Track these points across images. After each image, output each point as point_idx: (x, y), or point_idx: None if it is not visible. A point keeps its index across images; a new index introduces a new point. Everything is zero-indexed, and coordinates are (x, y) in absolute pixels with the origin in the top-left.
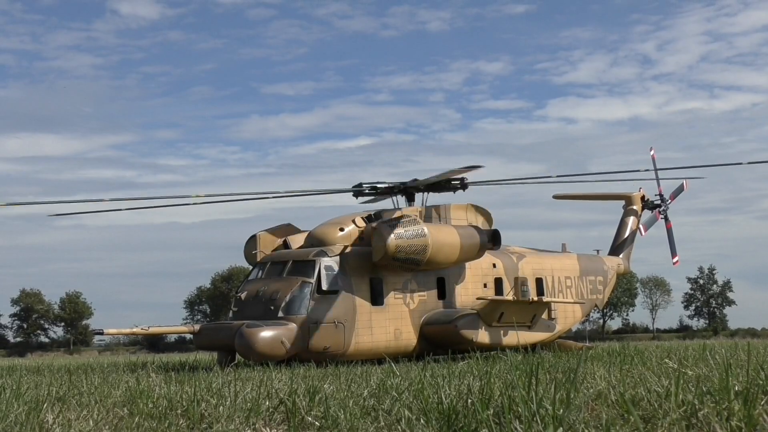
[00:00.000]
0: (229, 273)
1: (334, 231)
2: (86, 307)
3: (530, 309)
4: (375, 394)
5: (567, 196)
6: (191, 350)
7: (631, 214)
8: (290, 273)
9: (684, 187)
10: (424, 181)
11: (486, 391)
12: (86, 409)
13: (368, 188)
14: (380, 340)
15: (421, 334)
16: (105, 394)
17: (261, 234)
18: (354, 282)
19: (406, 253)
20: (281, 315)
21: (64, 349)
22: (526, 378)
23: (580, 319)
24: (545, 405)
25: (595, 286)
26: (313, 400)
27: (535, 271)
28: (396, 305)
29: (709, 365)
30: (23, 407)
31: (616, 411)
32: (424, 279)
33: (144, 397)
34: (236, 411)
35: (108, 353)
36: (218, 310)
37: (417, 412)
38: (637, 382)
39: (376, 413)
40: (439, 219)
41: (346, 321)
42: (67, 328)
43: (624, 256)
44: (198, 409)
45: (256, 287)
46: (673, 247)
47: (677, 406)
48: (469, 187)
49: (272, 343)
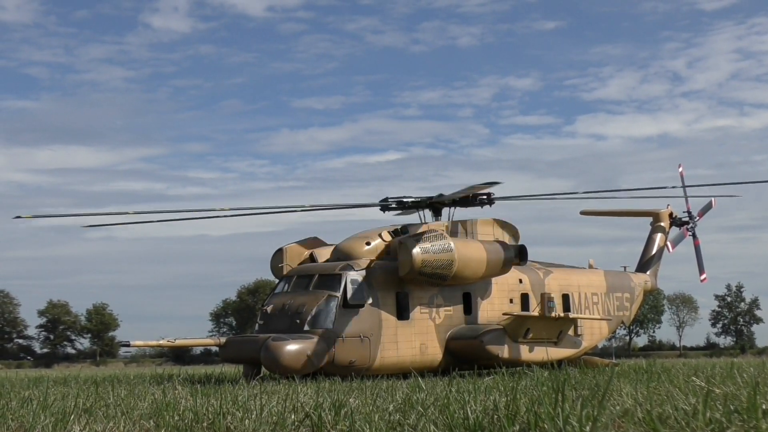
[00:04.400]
0: (256, 286)
1: (361, 245)
2: (112, 318)
3: (556, 325)
4: (400, 408)
5: (594, 212)
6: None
7: (659, 231)
8: (316, 286)
9: (712, 204)
10: (450, 196)
11: (512, 408)
12: (113, 421)
13: (394, 202)
14: (406, 354)
15: (447, 349)
16: (131, 406)
17: (287, 247)
18: (380, 296)
19: (432, 268)
20: (307, 328)
21: (91, 361)
22: (553, 394)
23: (606, 335)
24: (572, 422)
25: (622, 302)
26: (338, 414)
27: (562, 287)
28: (422, 320)
29: (737, 383)
30: (50, 419)
31: (643, 429)
32: (450, 294)
33: (170, 409)
34: (262, 424)
35: (134, 365)
36: (244, 323)
37: (443, 428)
38: (664, 400)
39: (402, 428)
40: (465, 234)
41: (372, 335)
42: (94, 339)
43: (651, 272)
44: (224, 422)
45: (282, 300)
46: (701, 265)
47: (705, 425)
48: (496, 202)
49: (298, 357)
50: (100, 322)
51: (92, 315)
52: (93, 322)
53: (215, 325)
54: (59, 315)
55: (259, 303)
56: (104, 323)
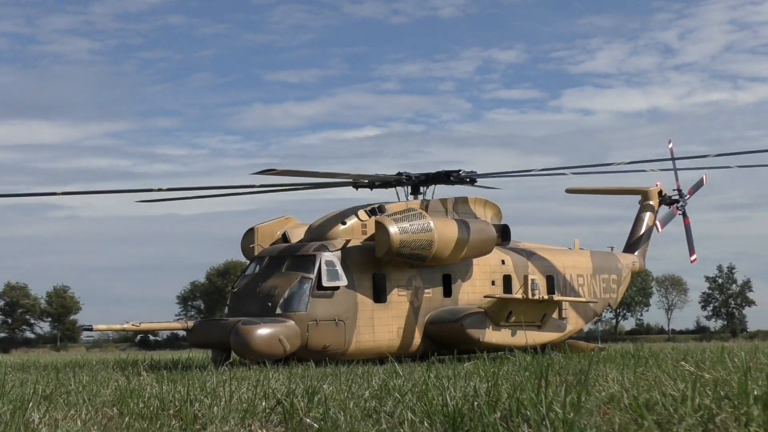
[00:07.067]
0: (226, 267)
1: (336, 224)
2: (74, 301)
3: (540, 308)
4: (377, 395)
5: (580, 190)
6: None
7: (648, 210)
8: (289, 268)
9: (704, 181)
10: (420, 175)
11: (493, 394)
12: (74, 409)
13: (371, 180)
14: (383, 339)
15: (426, 333)
16: (94, 393)
17: (259, 227)
18: (356, 278)
19: (410, 249)
20: (279, 312)
21: (51, 346)
22: (536, 380)
23: (592, 319)
24: (555, 408)
25: (609, 284)
26: (312, 401)
27: (546, 269)
28: (400, 303)
29: (728, 368)
30: (8, 406)
31: (629, 416)
32: (429, 275)
33: (135, 396)
34: (231, 412)
35: (97, 350)
36: (213, 306)
37: (421, 415)
38: (652, 386)
39: (378, 415)
40: (446, 213)
41: (347, 319)
42: (54, 323)
43: (639, 253)
44: (191, 409)
45: (253, 282)
46: (691, 245)
47: (694, 411)
48: (479, 180)
49: (269, 341)
50: (61, 306)
51: (53, 298)
52: (53, 305)
53: (182, 308)
54: (18, 298)
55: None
56: (65, 306)
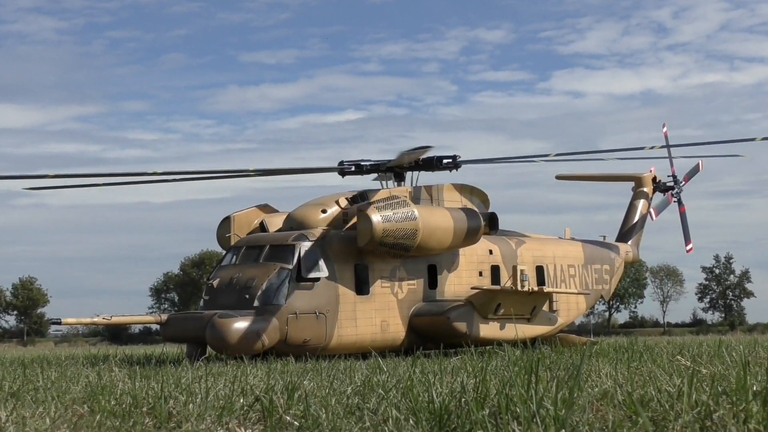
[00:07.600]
0: (201, 258)
1: (316, 213)
2: (41, 294)
3: (530, 300)
4: (359, 391)
5: (571, 176)
6: (158, 342)
7: (641, 197)
8: (267, 258)
9: (699, 167)
10: (390, 163)
11: (481, 390)
12: (42, 406)
13: (352, 166)
14: (365, 332)
15: (410, 327)
16: (63, 390)
17: (236, 215)
18: (337, 269)
19: (394, 238)
20: (257, 304)
21: (17, 340)
22: (525, 375)
23: (584, 311)
24: (546, 405)
25: (601, 275)
26: (291, 397)
27: (536, 259)
28: (383, 295)
29: (726, 363)
30: None
31: (623, 412)
32: (413, 266)
33: (106, 393)
34: (207, 409)
35: (65, 345)
36: (188, 298)
37: (405, 412)
38: (647, 381)
39: (361, 413)
40: (431, 200)
41: (328, 311)
42: (20, 317)
43: (633, 242)
44: (165, 406)
45: (229, 274)
46: (687, 233)
47: (690, 407)
48: (464, 166)
49: (247, 335)
50: (28, 298)
51: (18, 290)
52: (20, 297)
53: (156, 301)
54: None
55: (205, 276)
56: (32, 299)
